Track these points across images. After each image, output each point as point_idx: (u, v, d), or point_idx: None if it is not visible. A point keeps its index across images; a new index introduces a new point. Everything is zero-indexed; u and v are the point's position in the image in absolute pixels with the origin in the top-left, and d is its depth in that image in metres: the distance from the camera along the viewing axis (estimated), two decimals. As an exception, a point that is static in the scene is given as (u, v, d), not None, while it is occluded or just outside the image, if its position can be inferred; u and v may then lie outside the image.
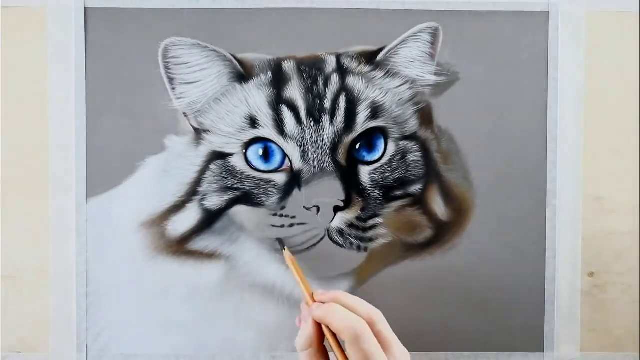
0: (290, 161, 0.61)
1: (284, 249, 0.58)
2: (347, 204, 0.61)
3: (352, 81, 0.62)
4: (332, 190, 0.61)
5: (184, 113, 0.63)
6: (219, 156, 0.62)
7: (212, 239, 0.63)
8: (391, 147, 0.62)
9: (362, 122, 0.61)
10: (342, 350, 0.46)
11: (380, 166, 0.62)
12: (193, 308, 0.63)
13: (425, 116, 0.63)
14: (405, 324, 0.64)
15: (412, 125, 0.63)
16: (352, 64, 0.62)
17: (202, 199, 0.62)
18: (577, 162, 0.64)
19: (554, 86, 0.64)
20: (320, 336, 0.48)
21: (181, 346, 0.64)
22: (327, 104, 0.61)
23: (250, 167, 0.62)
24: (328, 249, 0.61)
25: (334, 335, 0.47)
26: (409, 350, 0.64)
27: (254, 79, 0.62)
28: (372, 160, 0.62)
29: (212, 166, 0.62)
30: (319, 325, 0.48)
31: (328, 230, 0.61)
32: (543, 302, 0.64)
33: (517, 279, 0.63)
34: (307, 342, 0.47)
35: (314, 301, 0.50)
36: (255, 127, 0.61)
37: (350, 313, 0.46)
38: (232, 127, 0.62)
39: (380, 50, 0.63)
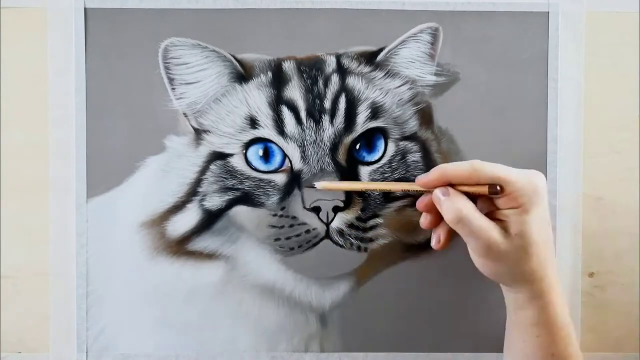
0: (291, 161, 0.61)
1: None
2: (347, 205, 0.61)
3: (352, 81, 0.62)
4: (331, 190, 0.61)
5: (184, 113, 0.63)
6: (219, 156, 0.62)
7: (212, 239, 0.63)
8: (391, 148, 0.62)
9: (362, 123, 0.61)
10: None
11: (380, 166, 0.62)
12: (193, 308, 0.63)
13: (426, 116, 0.63)
14: (405, 324, 0.64)
15: (412, 125, 0.63)
16: (352, 65, 0.62)
17: (202, 200, 0.62)
18: (577, 162, 0.64)
19: (554, 86, 0.64)
20: (466, 198, 0.50)
21: (181, 346, 0.64)
22: (327, 104, 0.61)
23: (251, 167, 0.62)
24: (328, 249, 0.62)
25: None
26: (408, 351, 0.64)
27: (254, 79, 0.62)
28: (372, 160, 0.62)
29: (212, 166, 0.62)
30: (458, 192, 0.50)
31: (328, 231, 0.61)
32: (543, 302, 0.64)
33: (517, 279, 0.63)
34: (459, 210, 0.48)
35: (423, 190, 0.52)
36: (255, 128, 0.61)
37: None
38: (232, 128, 0.62)
39: (380, 50, 0.63)
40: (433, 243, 0.54)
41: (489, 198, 0.50)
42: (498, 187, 0.47)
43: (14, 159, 0.63)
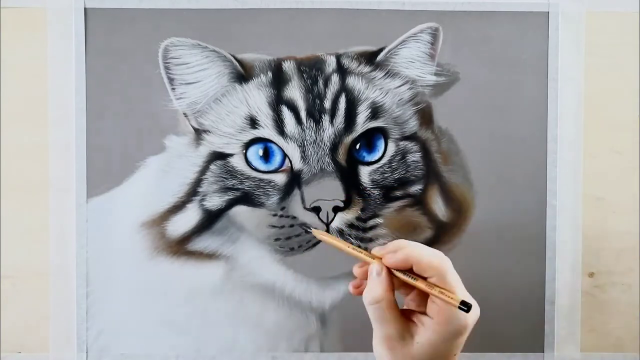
0: (291, 161, 0.61)
1: (310, 230, 0.54)
2: (347, 205, 0.61)
3: (352, 81, 0.62)
4: (332, 190, 0.61)
5: (184, 113, 0.63)
6: (219, 156, 0.62)
7: (212, 239, 0.63)
8: (391, 148, 0.62)
9: (362, 123, 0.61)
10: (428, 283, 0.45)
11: (380, 166, 0.62)
12: (193, 308, 0.63)
13: (426, 116, 0.63)
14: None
15: (412, 125, 0.63)
16: (352, 65, 0.62)
17: (202, 200, 0.62)
18: (577, 162, 0.64)
19: (554, 86, 0.64)
20: (393, 287, 0.46)
21: (181, 346, 0.63)
22: (327, 104, 0.61)
23: (251, 167, 0.62)
24: (328, 249, 0.61)
25: (412, 274, 0.45)
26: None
27: (254, 80, 0.62)
28: (372, 160, 0.62)
29: (212, 166, 0.62)
30: (389, 277, 0.46)
31: (328, 231, 0.61)
32: (543, 302, 0.64)
33: (517, 279, 0.63)
34: (381, 294, 0.45)
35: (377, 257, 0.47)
36: (255, 128, 0.61)
37: (432, 249, 0.46)
38: (232, 128, 0.62)
39: (381, 50, 0.63)
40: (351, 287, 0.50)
41: (424, 297, 0.46)
42: (466, 307, 0.43)
43: (14, 159, 0.63)
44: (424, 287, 0.45)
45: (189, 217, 0.63)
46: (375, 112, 0.62)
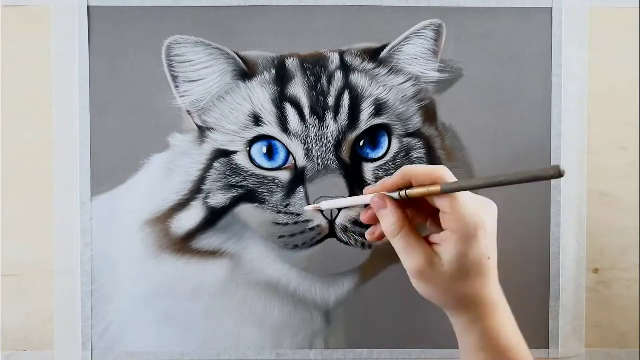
0: (294, 159, 0.61)
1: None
2: (351, 202, 0.61)
3: (356, 78, 0.62)
4: (336, 187, 0.61)
5: (188, 111, 0.63)
6: (223, 154, 0.62)
7: (216, 236, 0.63)
8: (395, 145, 0.62)
9: (366, 120, 0.61)
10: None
11: (384, 163, 0.62)
12: (198, 306, 0.63)
13: (429, 113, 0.63)
14: (411, 320, 0.64)
15: (416, 122, 0.63)
16: (356, 61, 0.62)
17: (207, 197, 0.62)
18: (581, 158, 0.64)
19: (558, 82, 0.64)
20: (406, 214, 0.45)
21: (186, 344, 0.64)
22: (331, 101, 0.61)
23: (254, 165, 0.62)
24: (332, 246, 0.61)
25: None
26: (414, 348, 0.64)
27: (257, 77, 0.62)
28: (376, 157, 0.62)
29: (216, 164, 0.62)
30: (397, 205, 0.45)
31: (332, 228, 0.61)
32: (548, 298, 0.64)
33: (522, 275, 0.63)
34: (397, 221, 0.44)
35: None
36: (259, 125, 0.61)
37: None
38: (235, 125, 0.62)
39: (384, 47, 0.63)
40: (367, 234, 0.49)
41: (437, 220, 0.45)
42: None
43: (19, 157, 0.63)
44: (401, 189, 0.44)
45: (193, 215, 0.63)
46: (379, 109, 0.62)
